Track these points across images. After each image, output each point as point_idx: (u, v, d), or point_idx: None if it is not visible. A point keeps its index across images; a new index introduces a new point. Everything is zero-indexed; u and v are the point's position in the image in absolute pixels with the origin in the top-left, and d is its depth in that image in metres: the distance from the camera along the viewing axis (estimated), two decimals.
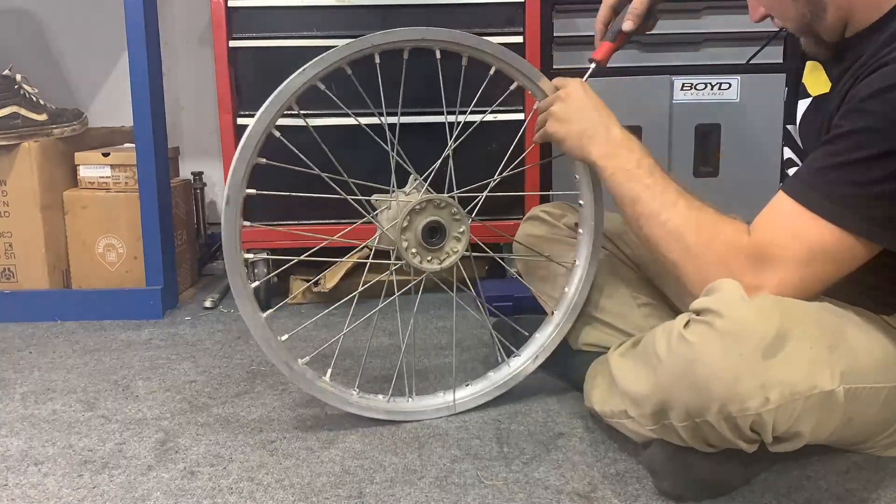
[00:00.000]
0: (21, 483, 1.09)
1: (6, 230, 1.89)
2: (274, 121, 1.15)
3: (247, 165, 1.15)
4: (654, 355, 0.96)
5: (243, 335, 1.73)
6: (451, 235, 1.23)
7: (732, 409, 0.89)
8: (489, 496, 1.03)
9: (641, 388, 0.99)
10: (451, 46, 1.19)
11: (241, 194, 1.16)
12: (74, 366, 1.56)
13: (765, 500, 1.01)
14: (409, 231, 1.21)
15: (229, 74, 1.84)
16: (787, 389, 0.88)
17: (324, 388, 1.23)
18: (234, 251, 1.17)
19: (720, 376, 0.89)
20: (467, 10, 1.83)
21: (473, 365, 1.50)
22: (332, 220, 1.83)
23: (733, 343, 0.89)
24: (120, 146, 2.09)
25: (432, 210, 1.22)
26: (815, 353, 0.91)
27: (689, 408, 0.92)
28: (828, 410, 0.92)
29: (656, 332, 0.98)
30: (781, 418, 0.89)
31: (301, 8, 1.82)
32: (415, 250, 1.23)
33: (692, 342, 0.91)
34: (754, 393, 0.88)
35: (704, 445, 0.97)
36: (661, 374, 0.95)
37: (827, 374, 0.90)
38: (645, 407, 0.99)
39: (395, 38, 1.15)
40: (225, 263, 1.18)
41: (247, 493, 1.05)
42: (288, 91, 1.15)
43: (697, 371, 0.90)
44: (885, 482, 1.05)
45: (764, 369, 0.88)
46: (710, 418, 0.91)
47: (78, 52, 2.40)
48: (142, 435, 1.24)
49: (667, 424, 0.97)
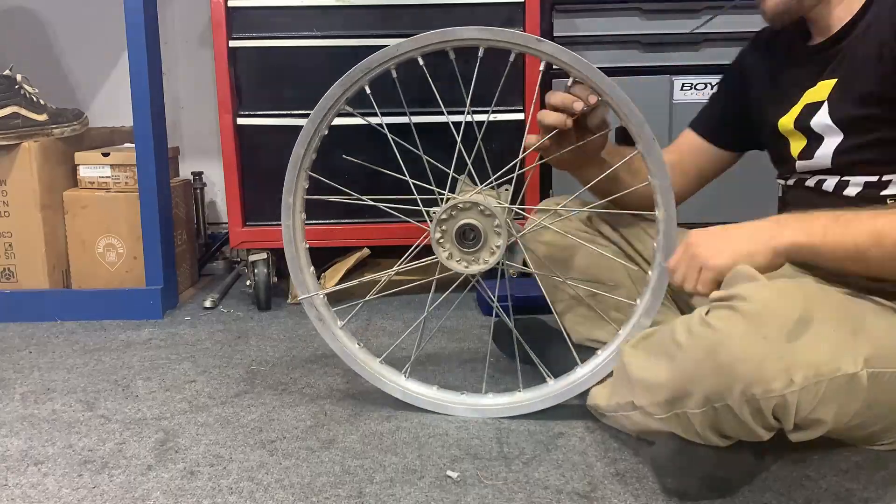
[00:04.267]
0: (21, 483, 1.09)
1: (6, 230, 1.89)
2: (347, 95, 1.15)
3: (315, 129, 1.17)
4: (674, 343, 0.96)
5: (243, 335, 1.73)
6: (489, 233, 1.20)
7: (756, 391, 0.89)
8: (489, 496, 1.03)
9: (658, 376, 1.00)
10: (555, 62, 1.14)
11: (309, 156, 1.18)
12: (74, 366, 1.56)
13: (765, 500, 1.01)
14: (447, 225, 1.20)
15: (229, 74, 1.84)
16: (811, 371, 0.89)
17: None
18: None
19: (744, 358, 0.89)
20: (467, 10, 1.83)
21: (474, 365, 1.50)
22: (372, 220, 1.88)
23: (757, 325, 0.89)
24: (120, 146, 2.09)
25: (476, 214, 1.19)
26: (839, 336, 0.92)
27: (710, 392, 0.92)
28: (851, 394, 0.92)
29: (675, 323, 0.99)
30: (805, 401, 0.90)
31: (301, 8, 1.82)
32: (457, 258, 1.21)
33: (715, 326, 0.92)
34: (779, 374, 0.88)
35: (716, 436, 0.97)
36: (681, 360, 0.95)
37: (850, 358, 0.91)
38: (659, 394, 0.99)
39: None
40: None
41: (247, 493, 1.05)
42: (364, 68, 1.14)
43: (721, 354, 0.90)
44: (885, 482, 1.05)
45: (788, 351, 0.89)
46: (732, 402, 0.91)
47: (78, 52, 2.40)
48: (142, 435, 1.24)
49: (679, 413, 0.97)
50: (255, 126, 1.87)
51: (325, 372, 1.48)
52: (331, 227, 1.90)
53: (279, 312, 1.90)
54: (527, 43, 1.13)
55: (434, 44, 1.14)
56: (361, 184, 1.77)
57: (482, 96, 1.32)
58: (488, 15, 1.84)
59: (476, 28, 1.13)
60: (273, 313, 1.90)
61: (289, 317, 1.85)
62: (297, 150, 1.22)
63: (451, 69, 1.15)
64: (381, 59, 1.16)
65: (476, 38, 1.13)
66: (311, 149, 1.23)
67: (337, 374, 1.47)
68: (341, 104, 1.20)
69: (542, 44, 1.12)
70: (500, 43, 1.13)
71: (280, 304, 1.97)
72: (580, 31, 2.04)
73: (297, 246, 1.27)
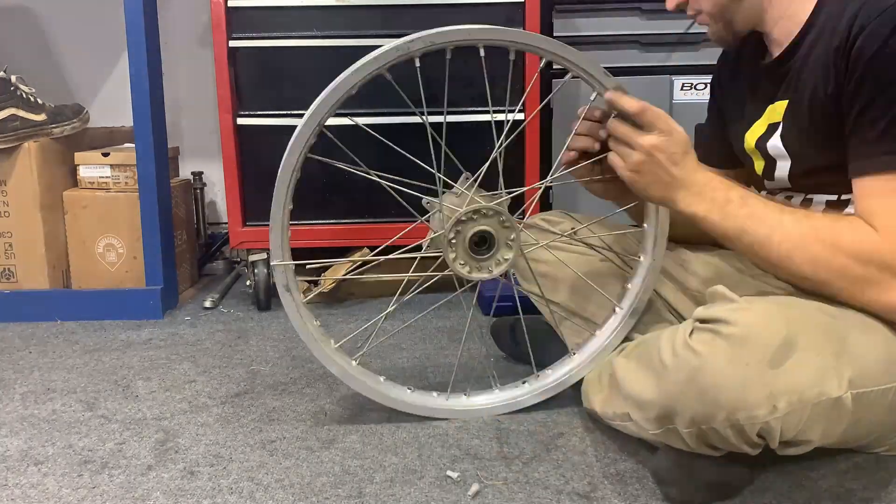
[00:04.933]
0: (21, 483, 1.09)
1: (6, 230, 1.89)
2: (364, 77, 1.12)
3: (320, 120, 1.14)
4: (659, 361, 0.96)
5: (243, 335, 1.73)
6: (501, 244, 1.17)
7: (740, 417, 0.89)
8: (489, 496, 1.03)
9: (646, 393, 0.99)
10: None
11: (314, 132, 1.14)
12: (74, 366, 1.56)
13: (765, 500, 1.01)
14: (457, 242, 1.16)
15: (229, 74, 1.84)
16: (794, 397, 0.88)
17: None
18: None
19: (727, 385, 0.88)
20: (468, 10, 1.83)
21: (473, 365, 1.50)
22: (373, 220, 1.89)
23: (740, 351, 0.88)
24: (120, 146, 2.09)
25: (480, 219, 1.16)
26: (822, 361, 0.91)
27: (695, 415, 0.92)
28: (836, 416, 0.91)
29: (661, 338, 0.98)
30: (789, 425, 0.89)
31: (301, 8, 1.82)
32: (463, 261, 1.17)
33: (698, 350, 0.90)
34: (762, 402, 0.88)
35: (708, 449, 0.97)
36: (666, 382, 0.95)
37: (834, 382, 0.90)
38: (649, 411, 0.99)
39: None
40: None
41: (247, 493, 1.05)
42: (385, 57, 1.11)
43: (704, 379, 0.89)
44: (885, 482, 1.05)
45: (772, 378, 0.88)
46: (717, 425, 0.91)
47: (78, 52, 2.40)
48: (142, 435, 1.24)
49: (670, 429, 0.97)
50: (255, 126, 1.87)
51: (326, 372, 1.48)
52: (331, 227, 1.90)
53: (279, 312, 1.90)
54: (528, 41, 1.12)
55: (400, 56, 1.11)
56: (362, 183, 1.77)
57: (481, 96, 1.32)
58: (488, 15, 1.83)
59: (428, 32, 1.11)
60: (273, 313, 1.90)
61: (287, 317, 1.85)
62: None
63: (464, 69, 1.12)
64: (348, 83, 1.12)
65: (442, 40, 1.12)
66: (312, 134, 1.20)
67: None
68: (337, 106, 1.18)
69: (541, 39, 1.12)
70: (476, 41, 1.13)
71: (280, 304, 1.97)
72: (580, 31, 2.04)
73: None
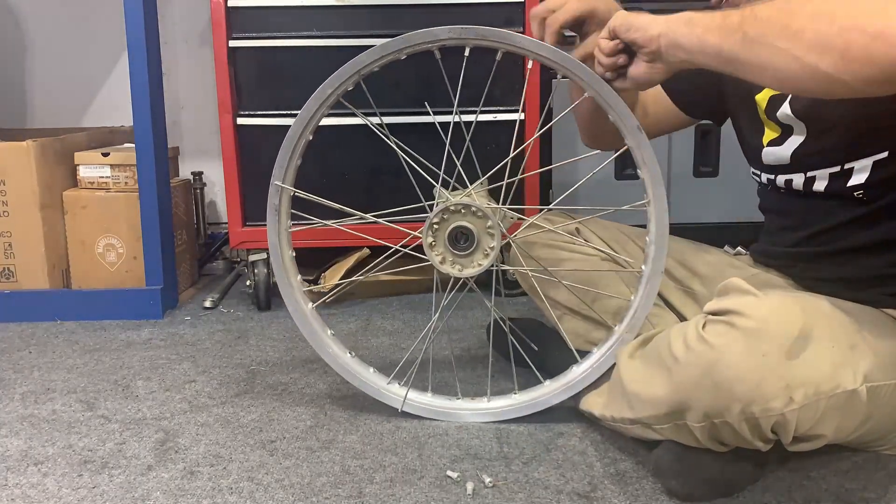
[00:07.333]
0: (21, 483, 1.09)
1: (6, 230, 1.89)
2: (370, 66, 1.14)
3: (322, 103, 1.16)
4: (670, 356, 0.95)
5: (243, 335, 1.73)
6: (480, 247, 1.18)
7: (756, 410, 0.88)
8: (489, 496, 1.03)
9: (656, 391, 0.99)
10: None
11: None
12: (74, 366, 1.56)
13: (765, 500, 1.01)
14: (439, 231, 1.18)
15: (229, 74, 1.84)
16: (811, 389, 0.88)
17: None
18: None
19: (744, 377, 0.88)
20: (467, 11, 1.83)
21: (474, 365, 1.50)
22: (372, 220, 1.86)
23: (756, 342, 0.88)
24: (120, 146, 2.08)
25: (469, 216, 1.17)
26: (838, 353, 0.91)
27: (708, 409, 0.92)
28: (851, 409, 0.91)
29: (670, 333, 0.98)
30: (804, 418, 0.89)
31: (301, 8, 1.82)
32: (440, 250, 1.19)
33: (713, 342, 0.90)
34: (778, 393, 0.87)
35: (718, 445, 0.97)
36: (679, 376, 0.94)
37: (850, 374, 0.90)
38: (659, 408, 0.98)
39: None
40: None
41: (247, 493, 1.05)
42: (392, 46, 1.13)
43: (719, 372, 0.89)
44: (885, 482, 1.05)
45: (788, 369, 0.88)
46: (731, 419, 0.90)
47: (78, 52, 2.40)
48: (142, 435, 1.24)
49: (680, 425, 0.97)
50: (255, 126, 1.87)
51: (325, 372, 1.48)
52: (330, 227, 1.89)
53: (279, 312, 1.90)
54: (506, 40, 1.12)
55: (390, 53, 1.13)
56: (360, 183, 1.77)
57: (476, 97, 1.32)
58: (488, 15, 1.83)
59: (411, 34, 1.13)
60: (273, 313, 1.90)
61: (289, 317, 1.83)
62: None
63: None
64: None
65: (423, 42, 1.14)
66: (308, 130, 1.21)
67: (337, 373, 1.46)
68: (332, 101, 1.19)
69: (516, 38, 1.12)
70: (467, 42, 1.13)
71: (280, 304, 1.96)
72: None
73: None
